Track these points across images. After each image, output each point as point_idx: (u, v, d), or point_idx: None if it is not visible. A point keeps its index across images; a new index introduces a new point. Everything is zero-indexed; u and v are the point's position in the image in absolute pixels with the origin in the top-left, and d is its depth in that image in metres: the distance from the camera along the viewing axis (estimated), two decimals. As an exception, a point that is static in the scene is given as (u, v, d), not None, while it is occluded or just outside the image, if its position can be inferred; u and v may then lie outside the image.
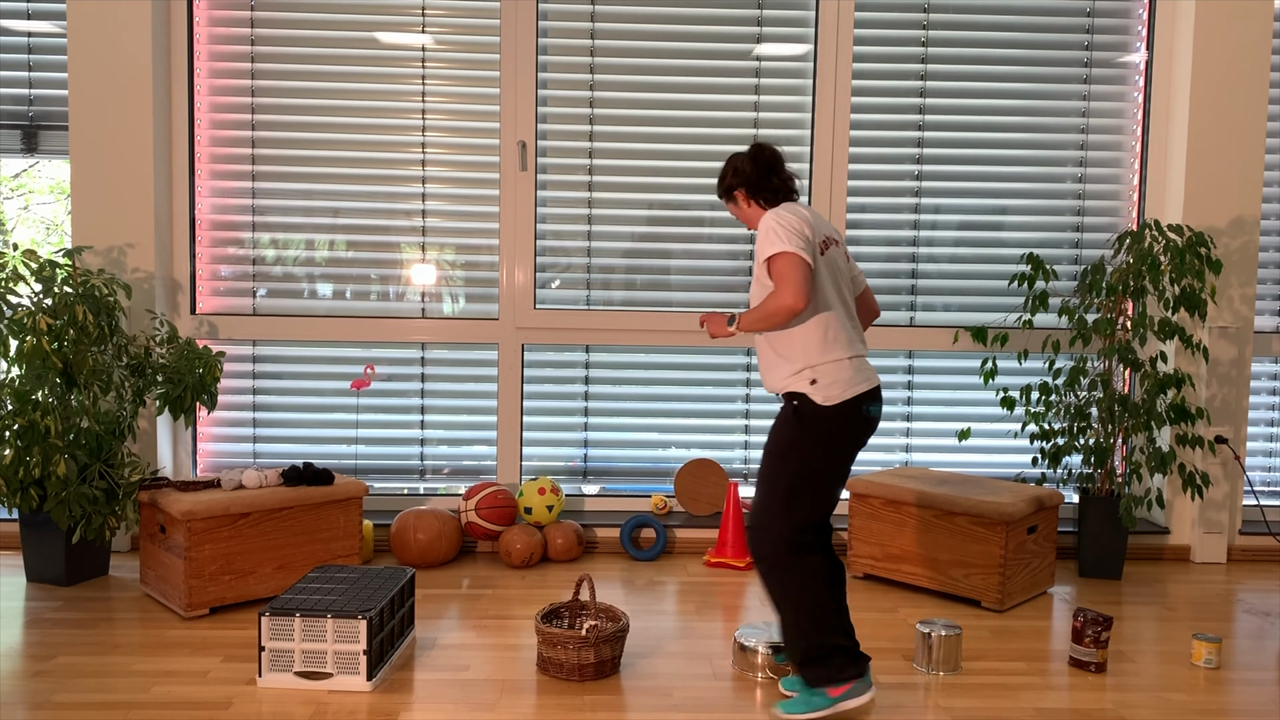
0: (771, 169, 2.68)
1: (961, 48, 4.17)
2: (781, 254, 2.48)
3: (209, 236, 4.12)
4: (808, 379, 2.55)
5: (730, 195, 2.73)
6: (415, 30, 4.08)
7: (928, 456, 4.33)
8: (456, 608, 3.38)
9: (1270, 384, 4.37)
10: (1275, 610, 3.54)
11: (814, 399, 2.53)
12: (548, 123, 4.14)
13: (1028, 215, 4.24)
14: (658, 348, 4.26)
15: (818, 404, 2.53)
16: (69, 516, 3.35)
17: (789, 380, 2.58)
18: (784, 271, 2.46)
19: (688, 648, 3.05)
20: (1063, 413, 3.93)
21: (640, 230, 4.20)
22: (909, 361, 4.29)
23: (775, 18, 4.13)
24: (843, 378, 2.54)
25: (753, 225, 2.73)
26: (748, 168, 2.68)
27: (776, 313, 2.47)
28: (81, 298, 3.43)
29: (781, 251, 2.47)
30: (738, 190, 2.71)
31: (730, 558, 3.89)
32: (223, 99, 4.07)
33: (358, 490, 3.53)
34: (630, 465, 4.31)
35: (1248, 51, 4.01)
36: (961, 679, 2.86)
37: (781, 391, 2.61)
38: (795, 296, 2.44)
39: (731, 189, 2.72)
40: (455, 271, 4.20)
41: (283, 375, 4.19)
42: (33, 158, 4.11)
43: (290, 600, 2.75)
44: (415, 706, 2.60)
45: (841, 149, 4.13)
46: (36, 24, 4.01)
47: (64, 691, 2.65)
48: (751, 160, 2.69)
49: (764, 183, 2.67)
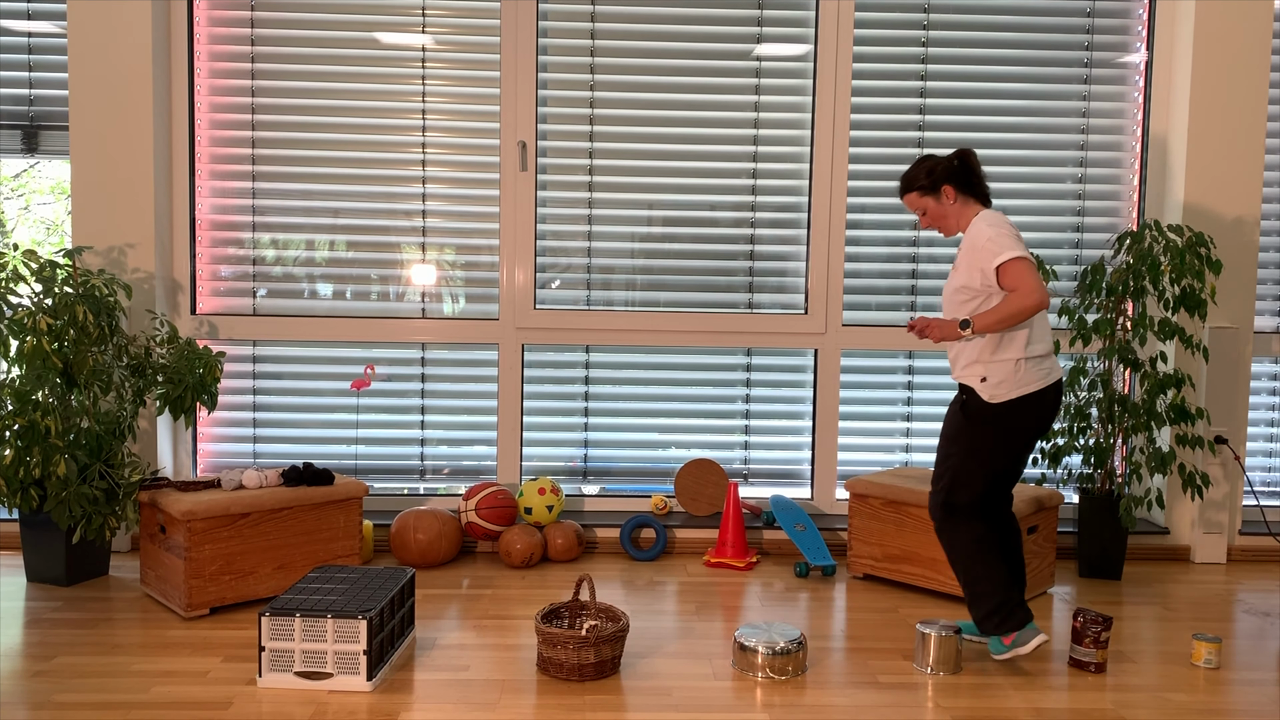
0: (976, 170, 2.85)
1: (961, 48, 4.17)
2: (1016, 258, 2.66)
3: (209, 236, 4.12)
4: (979, 375, 2.77)
5: (936, 189, 2.83)
6: (415, 30, 4.08)
7: (928, 456, 4.33)
8: (456, 608, 3.38)
9: (1270, 384, 4.37)
10: (1275, 610, 3.54)
11: (981, 395, 2.75)
12: (548, 123, 4.14)
13: (1028, 215, 4.24)
14: (657, 348, 4.26)
15: (984, 401, 2.75)
16: (69, 516, 3.35)
17: (965, 372, 2.82)
18: (1022, 274, 2.65)
19: (688, 648, 3.05)
20: (1062, 413, 3.93)
21: (640, 230, 4.20)
22: (909, 361, 4.29)
23: (775, 18, 4.13)
24: (1013, 377, 2.73)
25: (945, 222, 2.87)
26: (957, 164, 2.82)
27: (1023, 312, 2.65)
28: (82, 298, 3.43)
29: (1017, 257, 2.66)
30: (948, 184, 2.81)
31: (730, 558, 3.89)
32: (223, 99, 4.07)
33: (358, 490, 3.53)
34: (630, 465, 4.31)
35: (1248, 51, 4.01)
36: (961, 679, 2.86)
37: (957, 380, 2.87)
38: (1041, 296, 2.64)
39: (940, 183, 2.82)
40: (455, 271, 4.20)
41: (283, 375, 4.20)
42: (33, 158, 4.11)
43: (290, 600, 2.75)
44: (415, 706, 2.60)
45: (841, 149, 4.13)
46: (36, 24, 4.01)
47: (64, 691, 2.65)
48: (961, 158, 2.83)
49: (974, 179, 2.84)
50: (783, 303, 4.23)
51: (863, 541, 3.74)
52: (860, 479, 3.74)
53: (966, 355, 2.81)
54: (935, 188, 2.83)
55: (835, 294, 4.19)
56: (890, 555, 3.67)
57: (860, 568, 3.77)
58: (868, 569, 3.75)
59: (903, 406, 4.31)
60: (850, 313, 4.25)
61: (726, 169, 4.18)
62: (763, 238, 4.21)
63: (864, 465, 4.32)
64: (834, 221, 4.16)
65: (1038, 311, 2.65)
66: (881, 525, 3.68)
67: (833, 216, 4.16)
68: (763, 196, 4.19)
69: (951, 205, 2.83)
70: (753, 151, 4.17)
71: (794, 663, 2.84)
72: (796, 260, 4.22)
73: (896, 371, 4.29)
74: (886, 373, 4.29)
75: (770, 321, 4.19)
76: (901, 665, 2.95)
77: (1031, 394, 2.75)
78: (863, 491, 3.72)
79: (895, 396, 4.31)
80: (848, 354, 4.26)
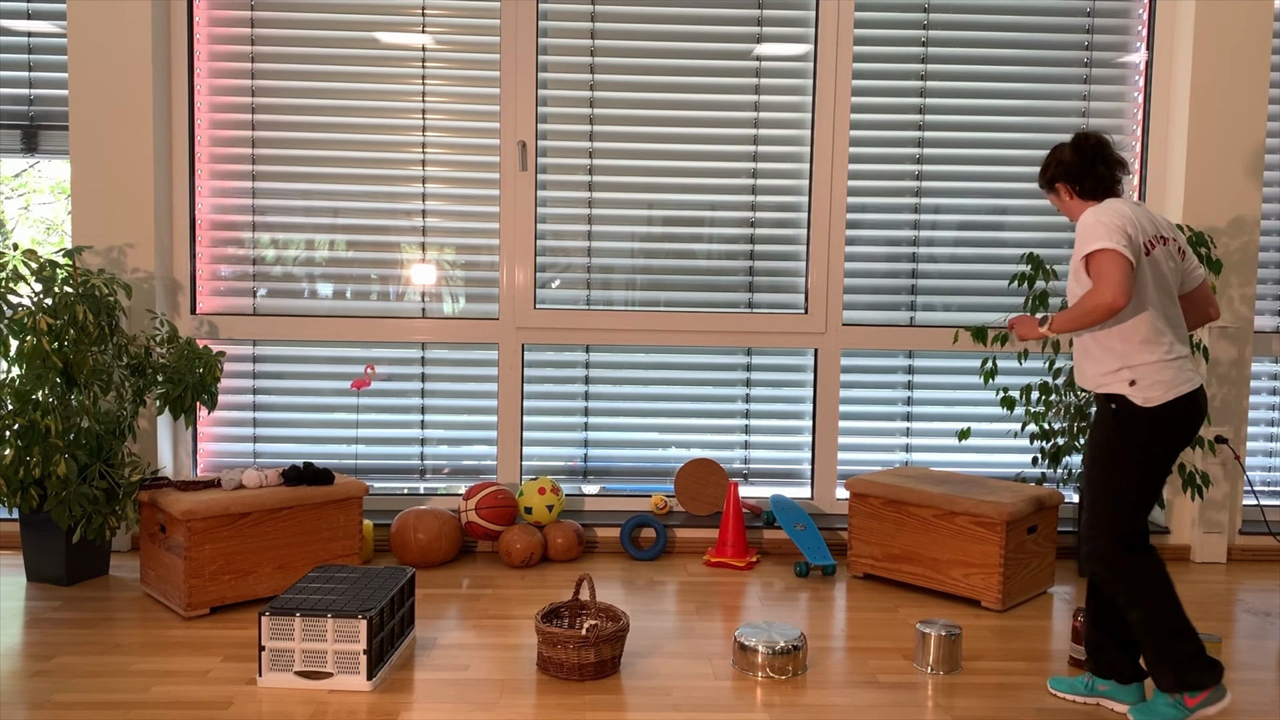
0: (1096, 158, 2.59)
1: (961, 48, 4.17)
2: (1102, 250, 2.43)
3: (209, 236, 4.12)
4: (1126, 379, 2.52)
5: (1052, 187, 2.66)
6: (415, 30, 4.08)
7: (928, 456, 4.33)
8: (456, 608, 3.38)
9: (1270, 384, 4.37)
10: (1275, 610, 3.54)
11: (1133, 400, 2.51)
12: (548, 123, 4.14)
13: (1028, 215, 4.24)
14: (658, 348, 4.26)
15: (1137, 406, 2.50)
16: (69, 516, 3.35)
17: (1106, 379, 2.56)
18: (1104, 268, 2.42)
19: (688, 648, 3.05)
20: (1063, 412, 3.93)
21: (640, 230, 4.20)
22: (909, 361, 4.29)
23: (775, 18, 4.13)
24: (1163, 379, 2.50)
25: (1070, 216, 2.68)
26: (1069, 157, 2.61)
27: (1094, 310, 2.43)
28: (82, 298, 3.43)
29: (1103, 248, 2.42)
30: (1060, 182, 2.64)
31: (730, 558, 3.89)
32: (223, 99, 4.07)
33: (358, 490, 3.53)
34: (630, 465, 4.31)
35: (1248, 51, 4.01)
36: (961, 679, 2.86)
37: (1097, 390, 2.59)
38: (1115, 294, 2.39)
39: (1054, 180, 2.65)
40: (455, 271, 4.20)
41: (283, 375, 4.20)
42: (33, 158, 4.11)
43: (290, 600, 2.75)
44: (415, 706, 2.60)
45: (841, 149, 4.13)
46: (36, 24, 4.01)
47: (64, 691, 2.65)
48: (1074, 149, 2.61)
49: (1087, 172, 2.59)
50: (783, 302, 4.23)
51: (863, 541, 3.75)
52: (860, 478, 3.74)
53: (1102, 362, 2.56)
54: (1050, 186, 2.67)
55: (835, 294, 4.20)
56: (890, 555, 3.67)
57: (860, 567, 3.77)
58: (868, 569, 3.75)
59: (903, 406, 4.31)
60: (850, 313, 4.25)
61: (726, 169, 4.18)
62: (763, 237, 4.21)
63: (864, 465, 4.32)
64: (834, 221, 4.16)
65: (1110, 311, 2.40)
66: (881, 525, 3.68)
67: (833, 216, 4.16)
68: (763, 196, 4.19)
69: (1071, 202, 2.64)
70: (753, 151, 4.17)
71: (794, 662, 2.84)
72: (796, 260, 4.22)
73: (896, 371, 4.29)
74: (886, 372, 4.29)
75: (770, 321, 4.19)
76: (901, 665, 2.95)
77: (1184, 395, 2.51)
78: (863, 491, 3.72)
79: (895, 396, 4.31)
80: (848, 354, 4.27)
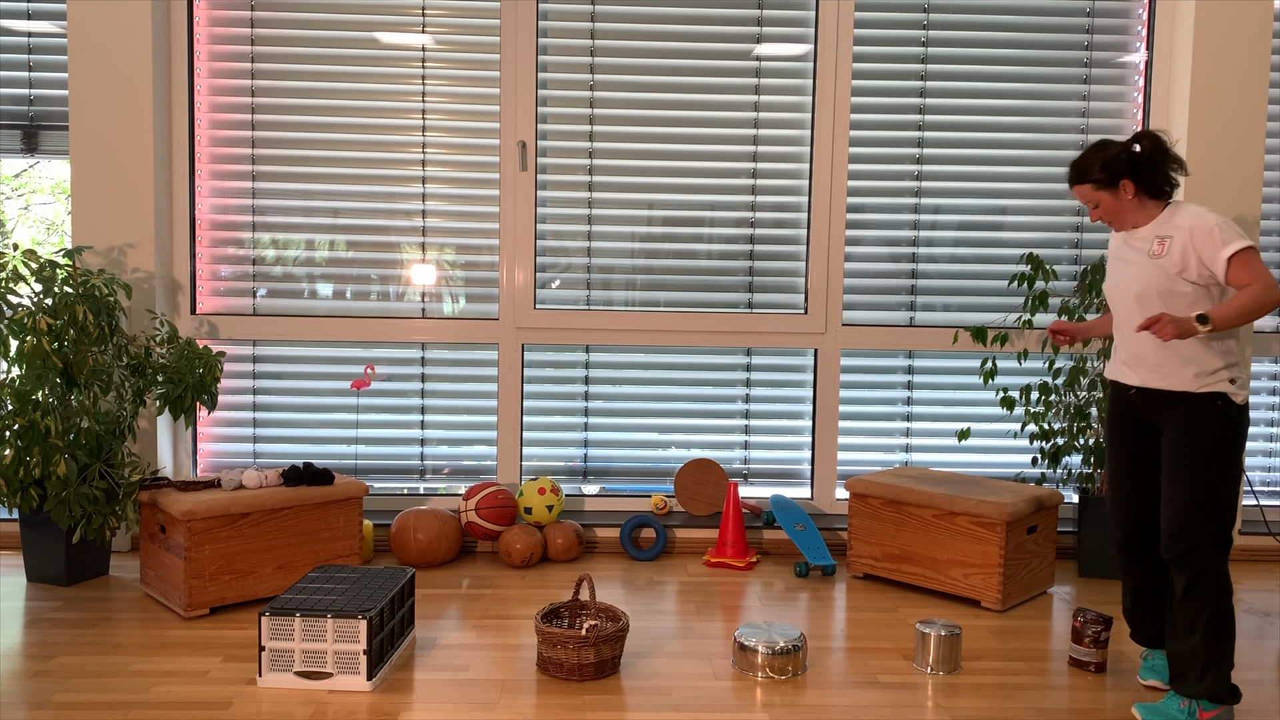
0: (1169, 156, 2.55)
1: (961, 48, 4.17)
2: (1249, 249, 2.43)
3: (209, 236, 4.12)
4: (1227, 378, 2.52)
5: (1115, 183, 2.56)
6: (415, 30, 4.08)
7: (928, 456, 4.33)
8: (456, 608, 3.38)
9: (1270, 384, 4.36)
10: (1275, 610, 3.54)
11: (1235, 399, 2.53)
12: (548, 123, 4.14)
13: (1028, 215, 4.24)
14: (657, 348, 4.26)
15: (1238, 404, 2.54)
16: (69, 516, 3.35)
17: (1208, 380, 2.52)
18: (1254, 264, 2.43)
19: (688, 648, 3.05)
20: (1063, 413, 3.93)
21: (640, 230, 4.20)
22: (909, 361, 4.29)
23: (775, 18, 4.13)
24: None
25: (1120, 218, 2.61)
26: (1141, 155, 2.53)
27: (1264, 308, 2.42)
28: (82, 298, 3.43)
29: (1248, 246, 2.42)
30: (1128, 179, 2.55)
31: (730, 558, 3.89)
32: (223, 99, 4.07)
33: (358, 490, 3.53)
34: (630, 465, 4.31)
35: (1248, 51, 4.01)
36: (961, 679, 2.86)
37: (1199, 390, 2.53)
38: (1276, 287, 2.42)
39: (1121, 177, 2.55)
40: (455, 271, 4.20)
41: (283, 375, 4.20)
42: (33, 158, 4.11)
43: (290, 600, 2.75)
44: (415, 706, 2.60)
45: (841, 149, 4.13)
46: (36, 24, 4.01)
47: (64, 691, 2.65)
48: (1155, 145, 2.54)
49: (1164, 170, 2.55)
50: (782, 303, 4.23)
51: (863, 541, 3.75)
52: (860, 479, 3.74)
53: (1204, 362, 2.51)
54: (1113, 182, 2.56)
55: (835, 294, 4.20)
56: (890, 555, 3.67)
57: (860, 567, 3.77)
58: (868, 569, 3.75)
59: (902, 406, 4.31)
60: (850, 313, 4.25)
61: (726, 169, 4.18)
62: (763, 238, 4.21)
63: (864, 465, 4.32)
64: (834, 221, 4.16)
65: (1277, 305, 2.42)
66: (881, 525, 3.68)
67: (833, 216, 4.16)
68: (763, 196, 4.19)
69: (1130, 200, 2.56)
70: (752, 151, 4.17)
71: (794, 662, 2.84)
72: (796, 260, 4.22)
73: (896, 371, 4.29)
74: (886, 372, 4.29)
75: (770, 321, 4.19)
76: (901, 665, 2.95)
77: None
78: (863, 491, 3.72)
79: (895, 396, 4.31)
80: (848, 354, 4.27)
